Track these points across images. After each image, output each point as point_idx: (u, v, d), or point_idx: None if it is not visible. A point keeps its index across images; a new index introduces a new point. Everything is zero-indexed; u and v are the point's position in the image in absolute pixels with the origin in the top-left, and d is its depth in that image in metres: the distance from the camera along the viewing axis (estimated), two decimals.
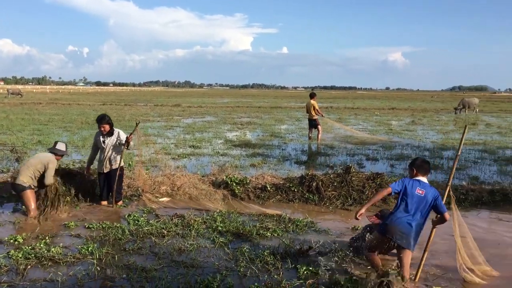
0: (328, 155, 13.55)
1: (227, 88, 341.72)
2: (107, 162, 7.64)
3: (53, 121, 22.41)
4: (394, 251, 4.94)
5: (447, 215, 4.73)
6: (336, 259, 5.24)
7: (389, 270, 4.32)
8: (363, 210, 4.77)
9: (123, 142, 7.63)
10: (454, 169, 5.20)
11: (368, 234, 5.38)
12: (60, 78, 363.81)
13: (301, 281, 4.66)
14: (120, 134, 7.73)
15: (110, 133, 7.69)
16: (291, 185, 8.47)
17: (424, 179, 4.84)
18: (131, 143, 7.77)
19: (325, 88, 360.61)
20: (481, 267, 5.15)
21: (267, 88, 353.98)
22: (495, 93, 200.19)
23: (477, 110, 35.79)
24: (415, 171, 4.86)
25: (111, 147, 7.64)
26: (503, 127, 23.44)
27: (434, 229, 4.98)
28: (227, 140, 16.80)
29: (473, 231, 6.24)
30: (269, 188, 8.47)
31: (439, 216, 4.84)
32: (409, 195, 4.62)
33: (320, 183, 8.34)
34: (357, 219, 4.87)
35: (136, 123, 7.92)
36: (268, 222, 6.74)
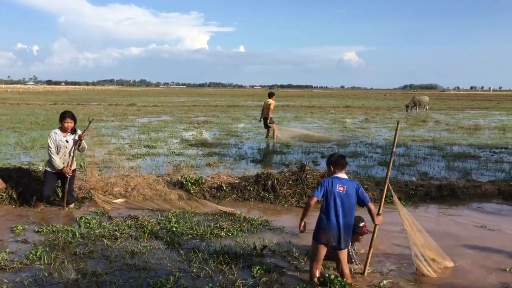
0: (284, 153, 13.67)
1: (184, 87, 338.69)
2: (69, 162, 7.37)
3: (0, 122, 21.50)
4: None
5: (370, 205, 4.65)
6: (289, 258, 5.29)
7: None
8: (302, 224, 4.67)
9: (77, 139, 7.38)
10: (391, 164, 5.18)
11: (351, 247, 5.28)
12: (8, 77, 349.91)
13: (254, 279, 4.68)
14: (77, 134, 7.48)
15: (73, 131, 7.42)
16: (246, 184, 8.49)
17: (342, 174, 4.71)
18: (84, 143, 7.50)
19: (282, 86, 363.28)
20: (437, 257, 5.27)
21: (224, 87, 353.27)
22: (444, 91, 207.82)
23: (427, 108, 37.05)
24: (332, 168, 4.74)
25: (73, 146, 7.38)
26: (451, 124, 24.38)
27: (377, 226, 4.99)
28: (183, 139, 16.65)
29: (421, 225, 6.47)
30: (224, 188, 8.45)
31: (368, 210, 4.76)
32: (332, 195, 4.53)
33: (275, 181, 8.40)
34: (302, 232, 4.76)
35: (89, 121, 7.69)
36: (223, 222, 6.72)
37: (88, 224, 6.50)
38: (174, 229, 6.32)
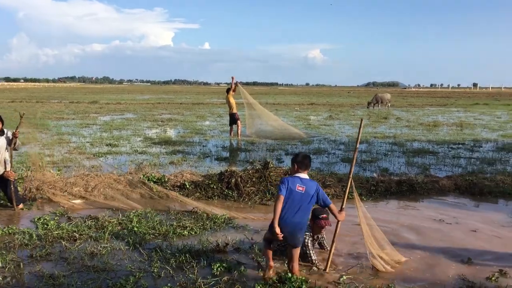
0: (248, 151, 13.68)
1: (148, 84, 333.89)
2: (2, 164, 7.12)
3: None
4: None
5: (332, 206, 4.77)
6: (252, 255, 5.31)
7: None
8: (277, 227, 4.53)
9: (11, 138, 7.13)
10: (354, 161, 5.27)
11: (308, 238, 5.33)
12: None
13: (216, 279, 4.67)
14: (9, 132, 7.19)
15: (1, 132, 7.14)
16: (210, 182, 8.45)
17: (304, 175, 4.78)
18: (18, 141, 7.25)
19: (247, 84, 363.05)
20: (390, 254, 5.39)
21: (189, 84, 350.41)
22: (406, 88, 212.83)
23: (389, 105, 37.77)
24: (296, 167, 4.80)
25: (5, 148, 7.11)
26: (411, 120, 24.98)
27: (339, 223, 5.11)
28: (147, 137, 16.43)
29: (380, 220, 6.61)
30: (188, 186, 8.39)
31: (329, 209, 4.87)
32: (291, 194, 4.59)
33: (239, 179, 8.39)
34: (279, 236, 4.58)
35: (20, 116, 7.40)
36: (185, 221, 6.67)
37: (46, 226, 6.33)
38: (136, 229, 6.23)
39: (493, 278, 4.92)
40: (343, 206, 5.07)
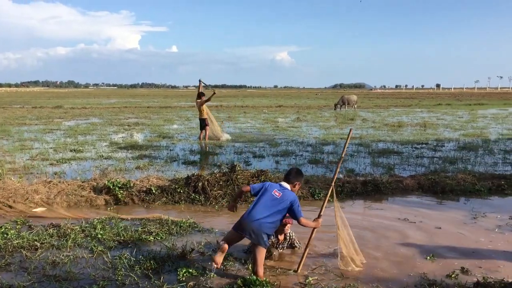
0: (216, 154, 13.63)
1: (115, 88, 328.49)
2: None
3: None
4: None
5: (302, 220, 4.93)
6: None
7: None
8: (232, 205, 5.28)
9: None
10: (338, 168, 5.50)
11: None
12: None
13: (182, 284, 4.62)
14: None
15: None
16: (177, 186, 8.37)
17: (286, 185, 5.04)
18: None
19: (216, 87, 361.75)
20: (358, 257, 5.45)
21: (157, 88, 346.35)
22: (372, 89, 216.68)
23: (356, 106, 38.37)
24: (284, 177, 5.21)
25: None
26: (377, 121, 25.42)
27: (315, 229, 5.24)
28: (112, 142, 16.16)
29: (347, 220, 6.68)
30: (154, 191, 8.28)
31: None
32: (265, 194, 4.79)
33: (206, 183, 8.34)
34: (233, 211, 5.32)
35: None
36: (151, 226, 6.57)
37: (5, 235, 6.11)
38: (100, 236, 6.10)
39: (453, 276, 5.01)
40: (321, 213, 5.23)
